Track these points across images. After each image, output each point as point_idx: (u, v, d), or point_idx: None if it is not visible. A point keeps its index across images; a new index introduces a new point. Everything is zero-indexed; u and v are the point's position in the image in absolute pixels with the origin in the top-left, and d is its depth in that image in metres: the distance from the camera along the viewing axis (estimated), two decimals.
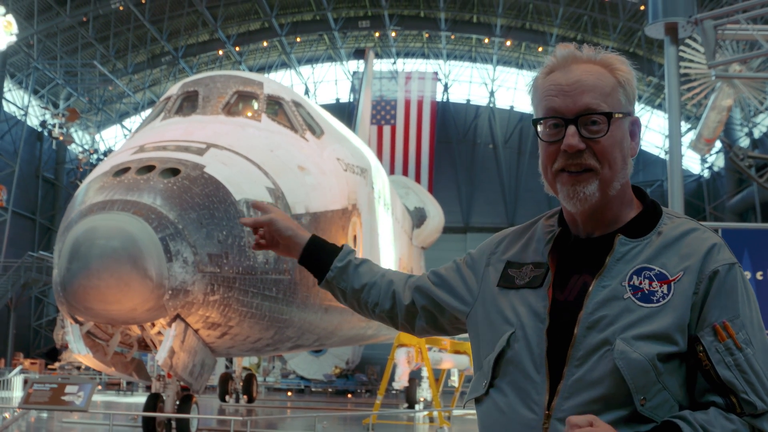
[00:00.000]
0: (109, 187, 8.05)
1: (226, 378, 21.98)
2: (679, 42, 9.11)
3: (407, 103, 40.36)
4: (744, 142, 35.00)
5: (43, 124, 37.68)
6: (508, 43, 41.26)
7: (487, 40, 41.82)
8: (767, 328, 5.56)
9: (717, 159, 39.29)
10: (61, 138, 36.42)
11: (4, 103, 35.60)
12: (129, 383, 28.55)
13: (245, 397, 21.95)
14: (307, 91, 45.37)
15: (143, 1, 35.54)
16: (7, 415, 14.80)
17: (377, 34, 42.17)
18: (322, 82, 46.84)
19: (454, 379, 24.97)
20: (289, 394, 31.61)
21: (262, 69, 44.14)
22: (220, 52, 41.66)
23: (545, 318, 1.87)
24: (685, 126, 35.77)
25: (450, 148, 44.07)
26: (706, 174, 41.23)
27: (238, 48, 41.32)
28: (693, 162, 40.79)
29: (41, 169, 40.18)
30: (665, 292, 1.80)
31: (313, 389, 32.88)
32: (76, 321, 8.23)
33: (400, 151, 39.53)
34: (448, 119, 44.59)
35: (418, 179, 36.96)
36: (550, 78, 1.93)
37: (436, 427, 17.65)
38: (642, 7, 31.51)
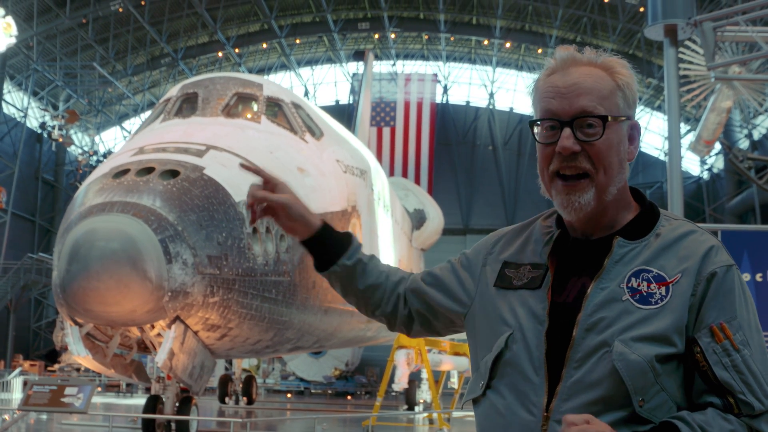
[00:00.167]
0: (109, 188, 8.04)
1: (226, 380, 21.98)
2: (679, 44, 9.12)
3: (407, 105, 40.35)
4: (743, 144, 35.00)
5: (42, 125, 37.69)
6: (508, 44, 41.27)
7: (486, 42, 41.83)
8: (766, 329, 5.54)
9: (716, 161, 39.29)
10: (60, 140, 36.41)
11: (4, 104, 35.60)
12: (129, 385, 28.54)
13: (245, 398, 21.94)
14: (306, 93, 45.37)
15: (143, 2, 35.57)
16: (6, 416, 14.78)
17: (377, 36, 42.17)
18: (322, 83, 46.84)
19: (454, 380, 24.95)
20: (288, 395, 31.60)
21: (261, 71, 44.15)
22: (220, 54, 41.67)
23: (545, 320, 1.87)
24: (684, 128, 35.77)
25: (449, 150, 44.06)
26: (706, 176, 41.22)
27: (237, 50, 41.32)
28: (692, 164, 40.79)
29: (41, 170, 40.17)
30: (663, 293, 1.81)
31: (312, 391, 32.87)
32: (76, 323, 8.23)
33: (399, 152, 39.52)
34: (447, 121, 44.59)
35: (418, 181, 36.95)
36: (549, 80, 1.93)
37: (435, 429, 17.64)
38: (641, 9, 31.52)
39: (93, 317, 7.79)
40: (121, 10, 35.34)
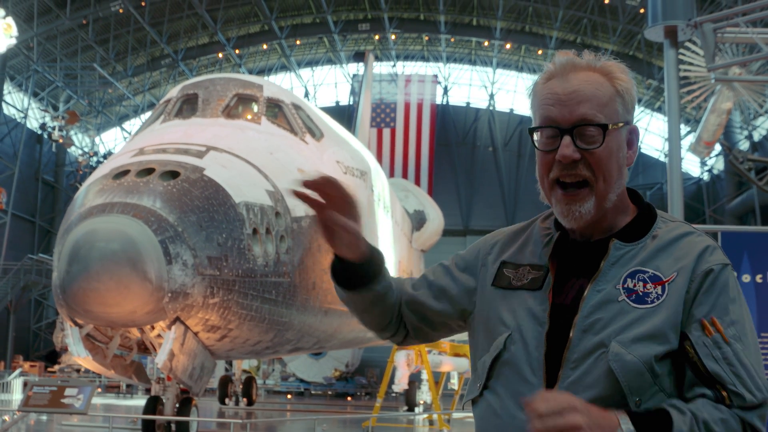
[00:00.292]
0: (109, 189, 8.04)
1: (226, 381, 21.98)
2: (679, 45, 9.11)
3: (407, 106, 40.36)
4: (744, 145, 34.99)
5: (42, 126, 37.68)
6: (508, 46, 41.28)
7: (486, 43, 41.84)
8: (767, 330, 5.52)
9: (717, 162, 39.29)
10: (60, 141, 36.41)
11: (4, 105, 35.59)
12: (129, 386, 28.55)
13: (245, 399, 21.94)
14: (306, 94, 45.39)
15: (143, 3, 35.57)
16: (6, 417, 14.78)
17: (377, 37, 42.18)
18: (322, 84, 46.85)
19: (454, 382, 24.94)
20: (288, 396, 31.59)
21: (261, 72, 44.16)
22: (220, 55, 41.68)
23: (545, 321, 1.88)
24: (684, 129, 35.77)
25: (450, 151, 44.06)
26: (706, 177, 41.22)
27: (237, 51, 41.33)
28: (693, 165, 40.78)
29: (41, 171, 40.17)
30: (659, 293, 1.82)
31: (312, 392, 32.87)
32: (76, 323, 8.22)
33: (399, 153, 39.53)
34: (447, 122, 44.59)
35: (418, 182, 36.97)
36: (548, 85, 1.93)
37: (435, 430, 17.65)
38: (642, 11, 31.54)
39: (93, 318, 7.79)
40: (121, 11, 35.35)
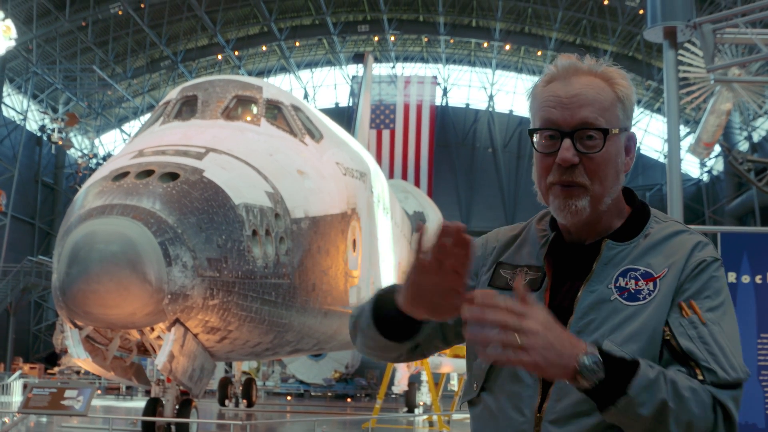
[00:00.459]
0: (109, 191, 8.04)
1: (226, 382, 21.97)
2: (678, 46, 9.10)
3: (406, 107, 40.37)
4: (743, 146, 34.99)
5: (42, 128, 37.69)
6: (507, 47, 41.29)
7: (486, 44, 41.86)
8: (767, 331, 5.51)
9: (716, 163, 39.29)
10: (60, 142, 36.42)
11: (3, 107, 35.61)
12: (128, 387, 28.55)
13: (245, 401, 21.92)
14: (306, 96, 45.39)
15: (142, 5, 35.58)
16: (6, 419, 14.78)
17: (376, 39, 42.20)
18: (321, 86, 46.87)
19: (454, 383, 24.94)
20: (288, 398, 31.59)
21: (261, 73, 44.16)
22: (219, 57, 41.69)
23: None
24: (684, 130, 35.78)
25: (449, 152, 44.07)
26: (706, 178, 41.23)
27: (237, 52, 41.34)
28: (692, 166, 40.79)
29: (40, 173, 40.17)
30: (651, 289, 1.83)
31: (312, 393, 32.86)
32: (76, 325, 8.22)
33: (399, 155, 39.53)
34: (447, 123, 44.60)
35: (418, 183, 36.96)
36: (550, 88, 1.92)
37: (435, 431, 17.64)
38: (641, 11, 31.54)
39: (93, 320, 7.79)
40: (120, 13, 35.37)
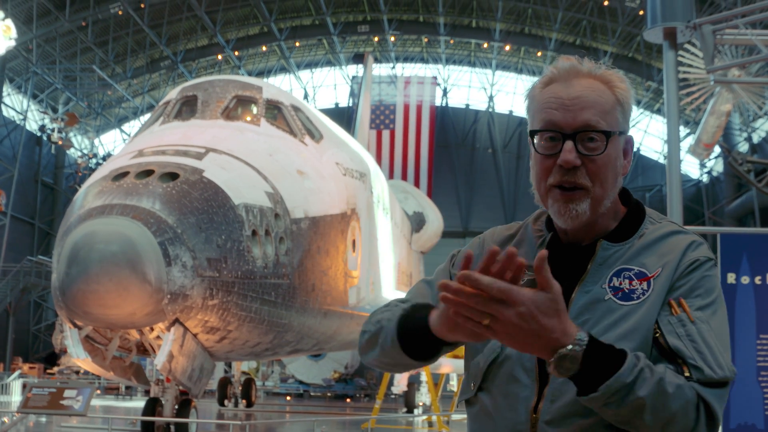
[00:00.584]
0: (108, 191, 8.05)
1: (225, 382, 21.96)
2: (678, 47, 9.11)
3: (406, 108, 40.36)
4: (743, 147, 34.97)
5: (42, 128, 37.65)
6: (507, 47, 41.26)
7: (486, 45, 41.84)
8: (766, 332, 5.51)
9: (716, 164, 39.27)
10: (60, 142, 36.39)
11: (3, 107, 35.59)
12: (128, 387, 28.52)
13: (244, 401, 21.92)
14: (306, 96, 45.37)
15: (142, 5, 35.56)
16: (6, 419, 14.78)
17: (376, 39, 42.18)
18: (321, 86, 46.85)
19: (453, 383, 24.94)
20: (288, 398, 31.57)
21: (261, 73, 44.15)
22: (219, 57, 41.66)
23: None
24: (684, 131, 35.78)
25: (449, 153, 44.06)
26: (705, 179, 41.22)
27: (237, 52, 41.33)
28: (692, 167, 40.79)
29: (40, 173, 40.15)
30: (645, 288, 1.83)
31: (312, 394, 32.83)
32: (75, 325, 8.22)
33: (399, 155, 39.52)
34: (447, 124, 44.59)
35: (417, 184, 36.94)
36: (550, 89, 1.92)
37: (434, 431, 17.64)
38: (641, 12, 31.55)
39: (92, 320, 7.79)
40: (120, 13, 35.35)
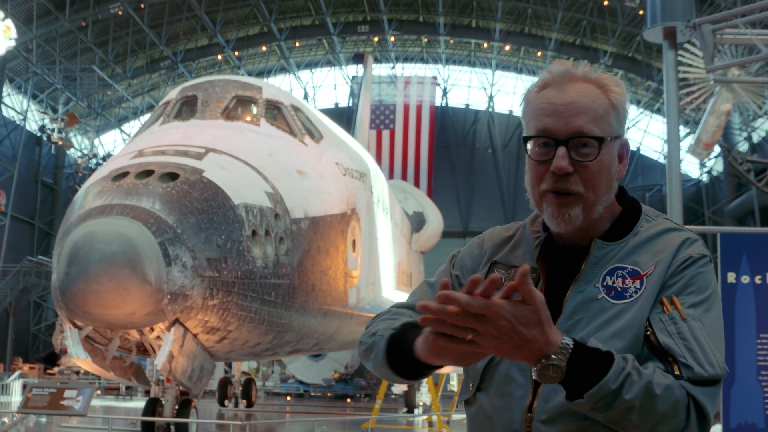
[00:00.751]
0: (108, 191, 8.05)
1: (225, 382, 21.96)
2: (678, 46, 9.11)
3: (406, 108, 40.36)
4: (743, 147, 34.98)
5: (41, 128, 37.64)
6: (507, 47, 41.27)
7: (486, 45, 41.84)
8: (766, 332, 5.51)
9: (716, 163, 39.29)
10: (60, 143, 36.38)
11: (3, 107, 35.59)
12: (128, 388, 28.51)
13: (244, 401, 21.92)
14: (306, 96, 45.37)
15: (142, 5, 35.56)
16: (6, 419, 14.78)
17: (376, 39, 42.19)
18: (321, 86, 46.86)
19: (453, 383, 24.95)
20: (288, 398, 31.56)
21: (261, 73, 44.15)
22: (219, 57, 41.66)
23: None
24: (683, 130, 35.79)
25: (449, 153, 44.07)
26: (705, 178, 41.23)
27: (237, 52, 41.32)
28: (692, 166, 40.80)
29: (40, 173, 40.14)
30: (638, 286, 1.83)
31: (312, 394, 32.82)
32: (75, 325, 8.22)
33: (399, 155, 39.52)
34: (447, 124, 44.60)
35: (417, 184, 36.95)
36: (544, 94, 1.92)
37: (435, 431, 17.64)
38: (641, 12, 31.55)
39: (92, 320, 7.79)
40: (120, 13, 35.35)
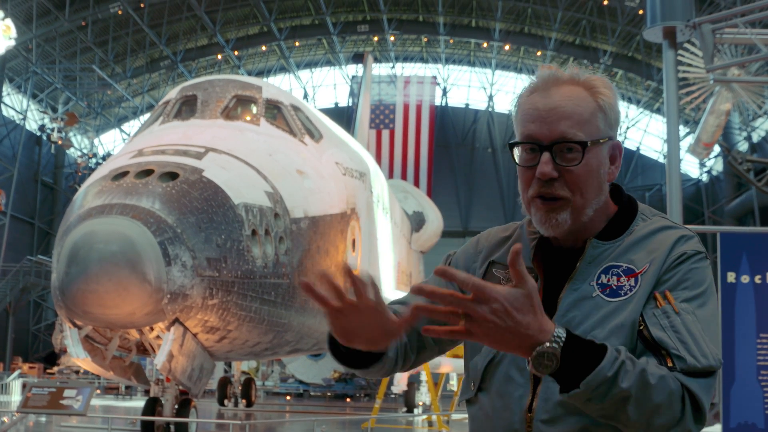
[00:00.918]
0: (108, 191, 8.04)
1: (225, 382, 21.96)
2: (678, 46, 9.11)
3: (406, 108, 40.37)
4: (743, 146, 35.00)
5: (41, 128, 37.65)
6: (507, 47, 41.30)
7: (485, 45, 41.87)
8: (766, 331, 5.51)
9: (716, 163, 39.31)
10: (59, 142, 36.39)
11: (3, 107, 35.60)
12: (128, 387, 28.53)
13: (244, 401, 21.92)
14: (305, 96, 45.38)
15: (142, 5, 35.58)
16: (5, 419, 14.77)
17: (376, 39, 42.20)
18: (321, 86, 46.88)
19: (453, 383, 24.94)
20: (288, 398, 31.57)
21: (260, 73, 44.16)
22: (219, 57, 41.68)
23: None
24: (683, 130, 35.80)
25: (449, 153, 44.08)
26: (705, 178, 41.24)
27: (236, 52, 41.33)
28: (692, 166, 40.81)
29: (40, 173, 40.15)
30: (632, 284, 1.82)
31: (312, 393, 32.83)
32: (75, 325, 8.22)
33: (398, 155, 39.53)
34: (446, 123, 44.62)
35: (417, 183, 36.95)
36: (530, 100, 1.91)
37: (434, 431, 17.64)
38: (640, 12, 31.56)
39: (92, 320, 7.79)
40: (120, 12, 35.37)
